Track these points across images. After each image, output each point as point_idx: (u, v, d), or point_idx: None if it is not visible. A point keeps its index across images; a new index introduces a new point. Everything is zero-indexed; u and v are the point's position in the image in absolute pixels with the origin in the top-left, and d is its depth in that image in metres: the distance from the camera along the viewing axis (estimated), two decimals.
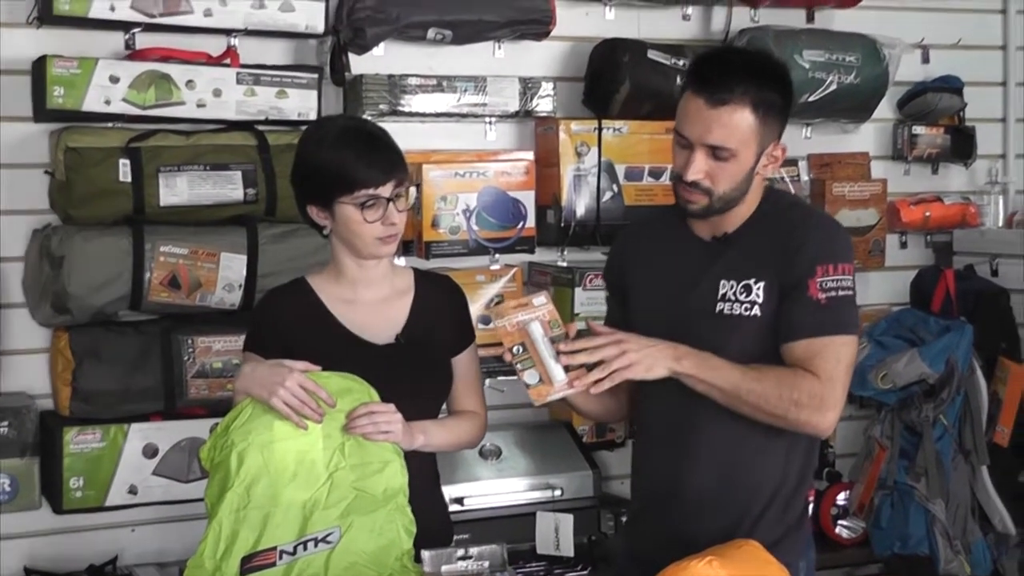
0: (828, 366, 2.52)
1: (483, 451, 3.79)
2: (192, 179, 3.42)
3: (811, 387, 2.50)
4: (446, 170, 3.76)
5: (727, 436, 2.58)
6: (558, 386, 2.48)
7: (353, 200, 2.62)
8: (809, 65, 4.16)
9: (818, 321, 2.53)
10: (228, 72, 3.52)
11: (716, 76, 2.53)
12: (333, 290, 2.74)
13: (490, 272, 3.85)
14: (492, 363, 3.67)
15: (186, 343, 3.47)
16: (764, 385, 2.50)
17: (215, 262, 3.45)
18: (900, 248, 4.62)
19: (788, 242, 2.56)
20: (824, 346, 2.53)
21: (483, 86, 3.83)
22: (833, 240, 2.60)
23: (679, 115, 2.57)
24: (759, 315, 2.57)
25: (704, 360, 2.52)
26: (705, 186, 2.55)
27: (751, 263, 2.59)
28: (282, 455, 2.50)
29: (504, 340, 2.51)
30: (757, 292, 2.57)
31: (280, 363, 2.54)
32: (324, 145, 2.65)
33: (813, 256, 2.55)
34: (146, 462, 3.45)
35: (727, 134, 2.51)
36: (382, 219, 2.63)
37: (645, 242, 2.80)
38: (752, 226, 2.64)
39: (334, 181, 2.62)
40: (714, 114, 2.51)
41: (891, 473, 4.10)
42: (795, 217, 2.63)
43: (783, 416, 2.52)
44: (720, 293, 2.60)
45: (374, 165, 2.62)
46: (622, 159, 3.96)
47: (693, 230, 2.68)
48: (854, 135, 4.52)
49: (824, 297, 2.53)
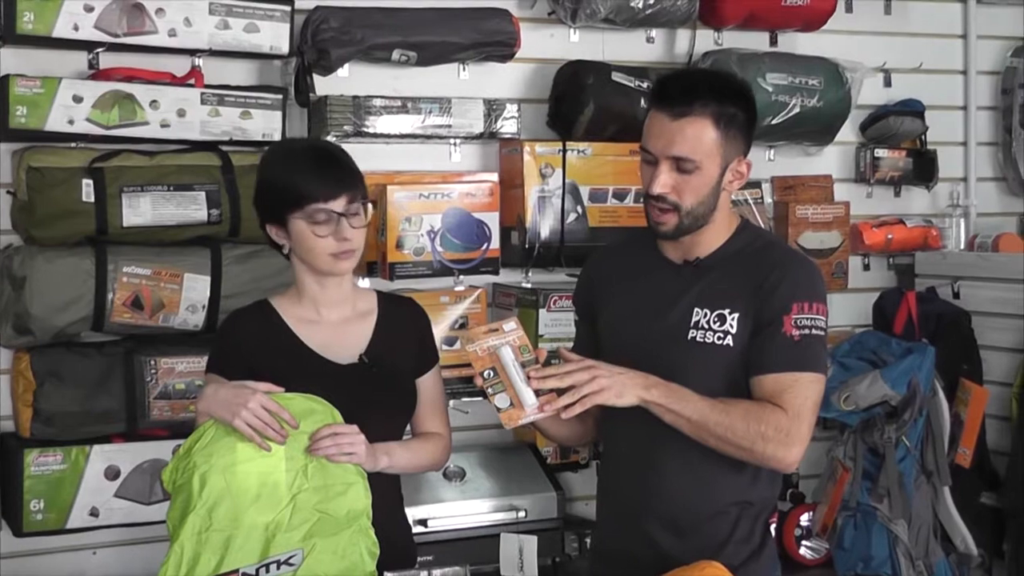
0: (796, 402, 2.54)
1: (447, 472, 3.78)
2: (156, 199, 3.42)
3: (778, 421, 2.52)
4: (411, 191, 3.77)
5: (693, 459, 2.59)
6: (529, 410, 2.49)
7: (304, 215, 2.63)
8: (772, 88, 4.19)
9: (790, 357, 2.55)
10: (192, 92, 3.52)
11: (678, 91, 2.58)
12: (296, 311, 2.74)
13: (454, 293, 3.86)
14: (456, 384, 3.69)
15: (149, 364, 3.46)
16: (732, 417, 2.52)
17: (178, 283, 3.45)
18: (863, 270, 4.65)
19: (767, 278, 2.59)
20: (794, 382, 2.55)
21: (448, 107, 3.84)
22: (811, 280, 2.64)
23: (644, 133, 2.61)
24: (731, 345, 2.59)
25: (673, 391, 2.53)
26: (672, 200, 2.57)
27: (726, 294, 2.61)
28: (244, 477, 2.50)
29: (475, 364, 2.52)
30: (731, 323, 2.59)
31: (243, 384, 2.54)
32: (278, 163, 2.69)
33: (791, 293, 2.57)
34: (108, 484, 3.44)
35: (690, 146, 2.55)
36: (334, 234, 2.63)
37: (615, 265, 2.82)
38: (727, 256, 2.66)
39: (285, 197, 2.64)
40: (676, 126, 2.54)
41: (854, 494, 4.12)
42: (776, 256, 2.66)
43: (749, 448, 2.53)
44: (693, 320, 2.62)
45: (323, 180, 2.63)
46: (586, 181, 3.97)
47: (664, 253, 2.70)
48: (817, 158, 4.55)
49: (798, 334, 2.55)
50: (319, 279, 2.72)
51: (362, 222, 2.68)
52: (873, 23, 4.61)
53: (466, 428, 3.87)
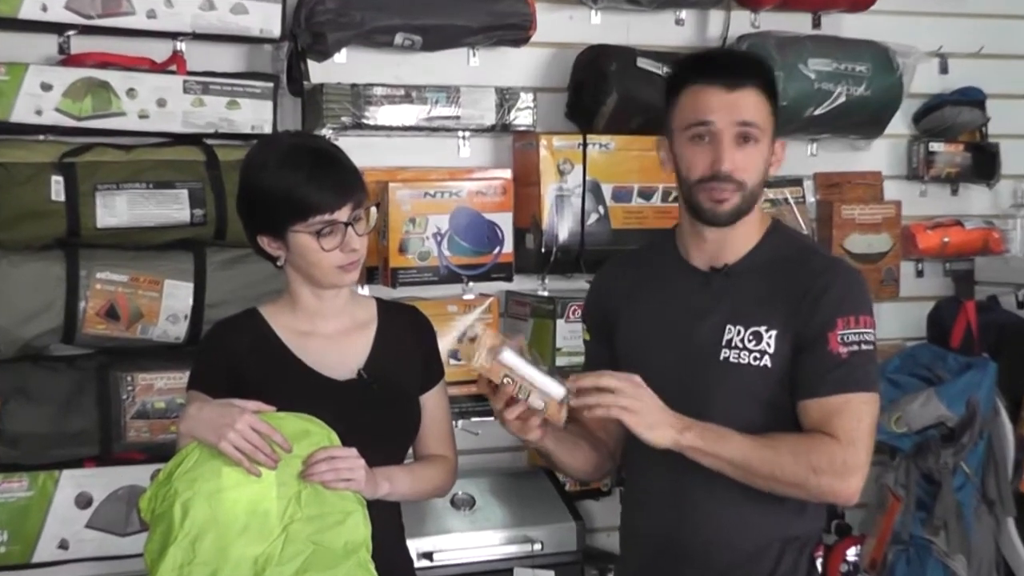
0: (849, 426, 2.53)
1: (454, 500, 3.79)
2: (133, 198, 3.43)
3: (831, 451, 2.51)
4: (415, 189, 3.78)
5: (732, 488, 2.58)
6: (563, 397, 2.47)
7: (307, 228, 2.63)
8: (815, 75, 4.20)
9: (838, 377, 2.55)
10: (174, 80, 3.54)
11: (726, 64, 2.65)
12: (288, 322, 2.75)
13: (463, 302, 3.86)
14: (465, 403, 3.69)
15: (125, 380, 3.47)
16: (778, 453, 2.51)
17: (158, 290, 3.46)
18: (916, 277, 4.66)
19: (807, 290, 2.58)
20: (845, 404, 2.54)
21: (456, 97, 3.85)
22: (855, 290, 2.63)
23: (692, 108, 2.60)
24: (769, 366, 2.58)
25: (710, 432, 2.51)
26: (738, 179, 2.58)
27: (762, 308, 2.60)
28: (231, 505, 2.50)
29: (491, 376, 2.49)
30: (768, 341, 2.58)
31: (230, 403, 2.54)
32: (269, 168, 2.65)
33: (835, 306, 2.57)
34: (79, 513, 3.45)
35: (753, 112, 2.58)
36: (341, 246, 2.64)
37: (632, 274, 2.81)
38: (759, 262, 2.65)
39: (284, 208, 2.63)
40: (736, 95, 2.57)
41: (906, 526, 4.12)
42: (815, 264, 2.65)
43: (802, 485, 2.52)
44: (725, 339, 2.61)
45: (327, 187, 2.62)
46: (609, 178, 3.98)
47: (688, 259, 2.70)
48: (865, 152, 4.56)
49: (845, 351, 2.55)
50: (317, 291, 2.73)
51: (367, 228, 2.69)
52: (927, 3, 4.61)
53: (475, 451, 3.87)
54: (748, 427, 2.56)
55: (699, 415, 2.57)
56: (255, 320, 2.76)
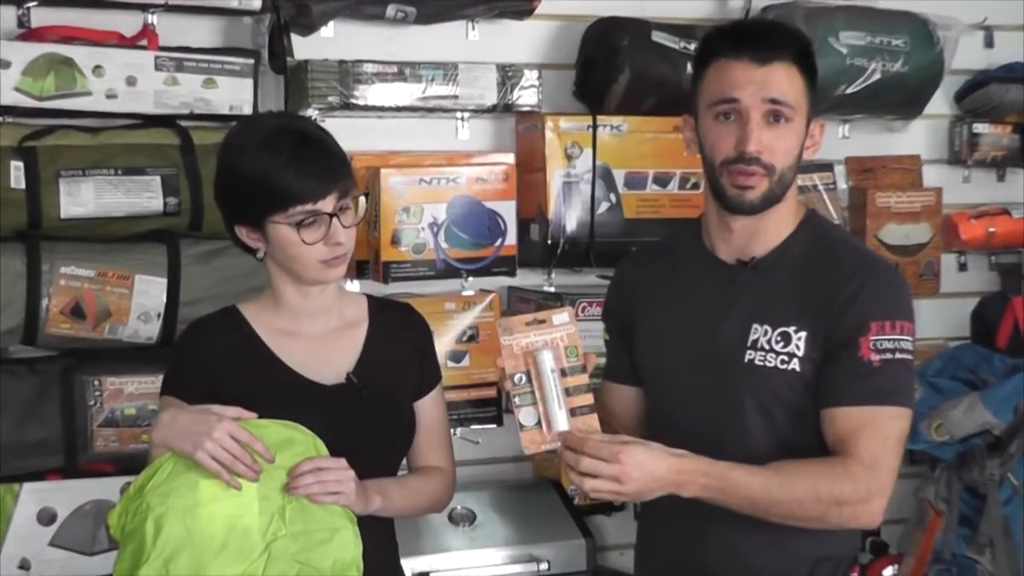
0: (873, 444, 2.52)
1: (453, 515, 3.80)
2: (100, 186, 3.44)
3: (854, 477, 2.50)
4: (409, 176, 3.78)
5: None
6: (557, 435, 2.48)
7: (288, 219, 2.62)
8: (847, 50, 4.20)
9: (868, 388, 2.54)
10: (144, 56, 3.54)
11: (757, 36, 2.62)
12: (271, 320, 2.75)
13: (462, 299, 3.87)
14: (464, 409, 3.70)
15: (92, 385, 3.48)
16: (796, 489, 2.50)
17: (128, 287, 3.47)
18: (958, 271, 4.66)
19: (840, 289, 2.58)
20: (872, 418, 2.53)
21: (453, 74, 3.85)
22: (894, 292, 2.62)
23: (718, 84, 2.60)
24: (797, 370, 2.58)
25: (715, 479, 2.48)
26: (767, 161, 2.57)
27: (791, 306, 2.60)
28: (209, 521, 2.51)
29: (506, 363, 2.51)
30: (797, 343, 2.58)
31: (207, 409, 2.54)
32: (247, 152, 2.65)
33: (869, 309, 2.56)
34: (41, 530, 3.45)
35: (785, 90, 2.57)
36: (325, 239, 2.64)
37: (653, 268, 2.82)
38: (790, 256, 2.66)
39: (263, 197, 2.63)
40: (767, 70, 2.57)
41: (948, 544, 4.12)
42: (850, 260, 2.64)
43: (822, 518, 2.52)
44: (751, 339, 2.61)
45: (310, 174, 2.61)
46: (621, 163, 3.99)
47: (714, 251, 2.71)
48: (902, 134, 4.57)
49: (878, 359, 2.54)
50: (301, 287, 2.73)
51: (354, 219, 2.68)
52: None
53: (476, 462, 3.88)
54: (772, 437, 2.58)
55: (720, 422, 2.58)
56: (234, 319, 2.76)
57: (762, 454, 2.55)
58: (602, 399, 2.86)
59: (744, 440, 2.60)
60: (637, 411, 2.84)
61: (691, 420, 2.65)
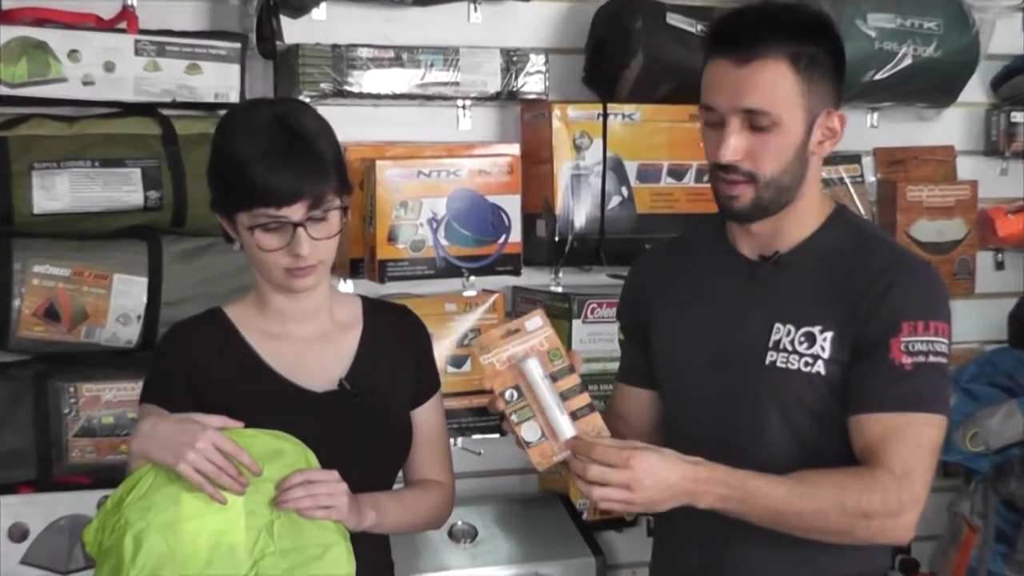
0: (904, 453, 2.51)
1: (453, 531, 3.80)
2: (76, 179, 3.44)
3: (884, 488, 2.49)
4: (407, 168, 3.78)
5: None
6: (566, 443, 2.47)
7: (250, 219, 2.61)
8: (876, 33, 4.20)
9: (900, 393, 2.53)
10: (124, 40, 3.54)
11: (740, 30, 2.58)
12: (258, 323, 2.75)
13: (463, 300, 3.88)
14: (464, 417, 3.70)
15: (67, 392, 3.48)
16: (820, 499, 2.49)
17: (106, 286, 3.47)
18: (995, 270, 4.66)
19: (869, 286, 2.57)
20: (904, 426, 2.53)
21: (455, 60, 3.85)
22: (928, 290, 2.62)
23: (704, 88, 2.61)
24: (822, 373, 2.58)
25: (733, 488, 2.48)
26: (746, 169, 2.56)
27: (816, 305, 2.60)
28: (192, 538, 2.51)
29: (492, 382, 2.50)
30: (822, 344, 2.58)
31: (189, 418, 2.54)
32: (229, 137, 2.65)
33: (901, 308, 2.55)
34: (13, 547, 3.46)
35: (763, 95, 2.54)
36: (287, 248, 2.62)
37: (670, 264, 2.82)
38: (816, 252, 2.65)
39: (230, 189, 2.63)
40: (744, 73, 2.54)
41: (984, 562, 4.12)
42: (880, 256, 2.63)
43: (848, 532, 2.52)
44: (773, 339, 2.61)
45: (280, 177, 2.57)
46: (633, 154, 3.99)
47: (736, 246, 2.71)
48: (934, 124, 4.56)
49: (910, 362, 2.53)
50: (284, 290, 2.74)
51: (328, 231, 2.64)
52: None
53: (477, 474, 3.88)
54: (794, 444, 2.58)
55: (738, 428, 2.59)
56: (219, 321, 2.76)
57: (783, 463, 2.55)
58: (615, 403, 2.87)
59: (764, 448, 2.60)
60: (652, 416, 2.84)
61: (707, 425, 2.65)
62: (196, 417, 2.54)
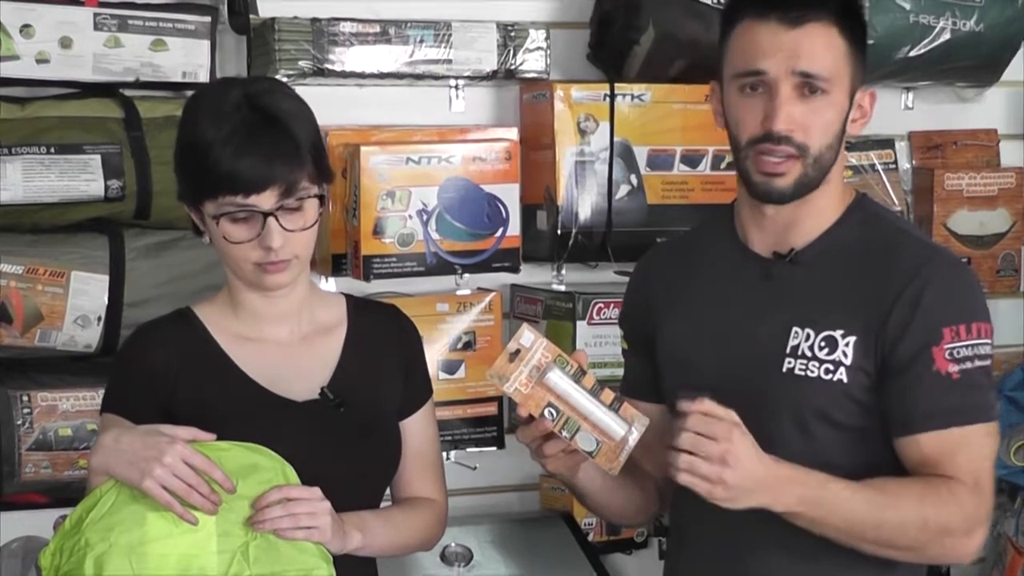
0: (973, 467, 2.52)
1: (446, 554, 3.80)
2: (29, 166, 3.44)
3: (960, 502, 2.50)
4: (394, 155, 3.79)
5: (805, 540, 2.57)
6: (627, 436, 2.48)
7: (216, 208, 2.62)
8: (911, 5, 4.20)
9: (952, 405, 2.54)
10: (82, 13, 3.54)
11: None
12: (230, 325, 2.76)
13: (457, 299, 3.88)
14: (459, 428, 3.71)
15: (19, 401, 3.49)
16: (901, 511, 2.50)
17: (63, 285, 3.47)
18: None
19: (900, 289, 2.57)
20: (964, 439, 2.53)
21: (446, 35, 3.86)
22: (963, 289, 2.63)
23: (742, 52, 2.61)
24: (844, 381, 2.58)
25: (812, 490, 2.48)
26: (798, 141, 2.56)
27: (837, 306, 2.60)
28: (159, 561, 2.51)
29: (526, 408, 2.49)
30: (844, 349, 2.58)
31: (156, 430, 2.55)
32: (194, 118, 2.66)
33: (939, 313, 2.55)
34: None
35: (819, 58, 2.56)
36: (258, 239, 2.63)
37: (677, 264, 2.83)
38: (836, 248, 2.66)
39: (193, 175, 2.65)
40: (797, 34, 2.56)
41: None
42: (909, 253, 2.64)
43: (920, 549, 2.53)
44: (791, 345, 2.61)
45: (246, 161, 2.58)
46: (643, 139, 4.00)
47: (747, 242, 2.71)
48: (976, 105, 4.57)
49: (957, 370, 2.54)
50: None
51: (303, 222, 2.65)
52: None
53: (473, 491, 3.89)
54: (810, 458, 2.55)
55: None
56: (188, 323, 2.77)
57: None
58: None
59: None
60: (662, 433, 2.84)
61: None
62: (163, 429, 2.54)
